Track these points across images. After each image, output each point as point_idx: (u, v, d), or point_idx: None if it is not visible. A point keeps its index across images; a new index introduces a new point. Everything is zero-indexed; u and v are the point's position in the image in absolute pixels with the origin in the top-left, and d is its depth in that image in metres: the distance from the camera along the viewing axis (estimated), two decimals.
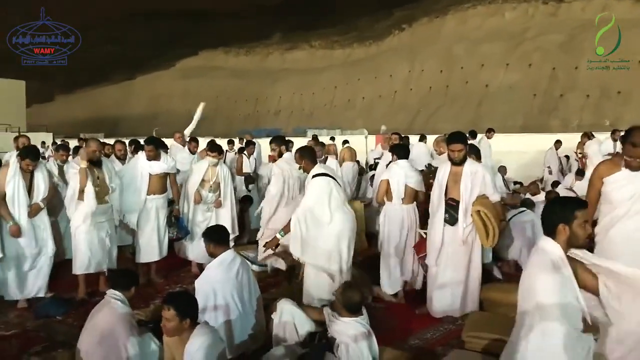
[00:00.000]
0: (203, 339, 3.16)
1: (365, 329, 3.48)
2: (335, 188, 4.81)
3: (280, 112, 63.45)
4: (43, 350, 4.38)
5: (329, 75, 61.20)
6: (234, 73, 72.01)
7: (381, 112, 50.53)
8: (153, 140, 6.32)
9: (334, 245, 4.71)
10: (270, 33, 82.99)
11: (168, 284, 6.26)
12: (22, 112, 47.58)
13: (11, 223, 5.12)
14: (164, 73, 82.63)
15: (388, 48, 59.57)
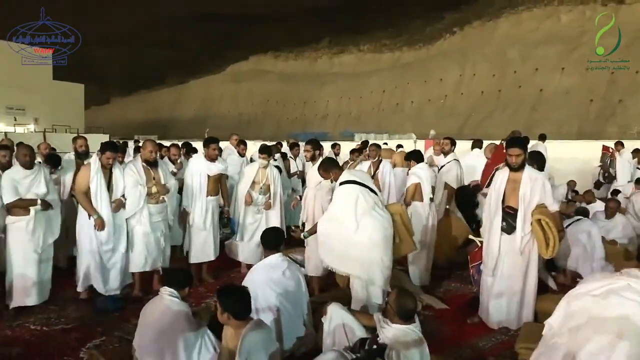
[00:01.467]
0: (255, 335, 3.21)
1: (418, 336, 3.43)
2: (362, 194, 4.70)
3: (328, 116, 63.65)
4: (101, 344, 4.54)
5: (377, 79, 60.94)
6: (283, 77, 72.82)
7: (430, 116, 49.93)
8: (217, 140, 6.46)
9: (367, 252, 4.63)
10: (319, 37, 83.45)
11: (218, 284, 6.35)
12: (81, 114, 49.60)
13: (96, 216, 5.29)
14: (215, 77, 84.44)
15: (438, 51, 58.81)
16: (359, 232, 4.59)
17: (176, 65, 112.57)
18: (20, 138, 17.65)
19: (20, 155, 5.17)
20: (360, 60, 68.54)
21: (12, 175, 5.12)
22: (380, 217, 4.72)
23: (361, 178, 4.87)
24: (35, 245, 5.14)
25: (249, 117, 70.74)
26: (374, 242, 4.62)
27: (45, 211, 5.21)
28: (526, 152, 4.79)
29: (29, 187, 5.12)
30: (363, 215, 4.63)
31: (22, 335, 4.76)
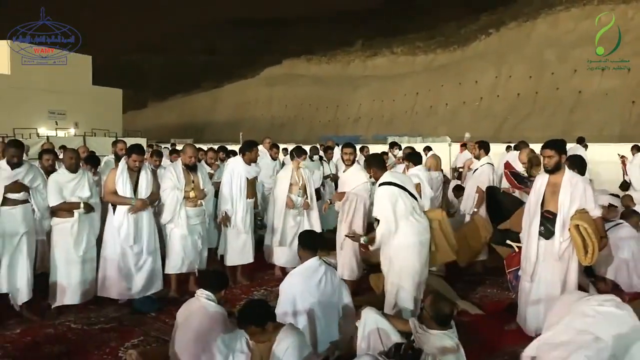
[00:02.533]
0: (290, 340, 3.23)
1: (454, 343, 3.39)
2: (401, 197, 4.67)
3: (360, 119, 63.57)
4: (139, 344, 4.64)
5: (411, 81, 60.56)
6: (316, 80, 73.11)
7: (465, 119, 49.31)
8: (255, 143, 6.53)
9: (399, 256, 4.62)
10: (352, 40, 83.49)
11: (253, 287, 6.41)
12: (119, 118, 50.82)
13: (134, 201, 5.39)
14: (249, 81, 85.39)
15: (474, 53, 58.08)
16: (396, 235, 4.60)
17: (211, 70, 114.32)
18: (61, 142, 18.18)
19: (66, 159, 5.33)
20: (394, 63, 68.24)
21: (58, 178, 5.28)
22: (417, 222, 4.68)
23: (402, 181, 4.82)
24: (78, 246, 5.28)
25: (281, 121, 71.25)
26: (407, 247, 4.61)
27: (88, 214, 5.34)
28: (562, 154, 4.66)
29: (73, 190, 5.27)
30: (400, 218, 4.62)
31: (64, 333, 4.90)
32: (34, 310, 5.29)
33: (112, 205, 5.50)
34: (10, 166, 5.12)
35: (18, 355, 4.39)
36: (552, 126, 39.84)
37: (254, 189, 6.56)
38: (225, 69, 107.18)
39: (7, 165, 5.12)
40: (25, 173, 5.19)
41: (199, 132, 70.91)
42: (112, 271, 5.46)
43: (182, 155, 5.99)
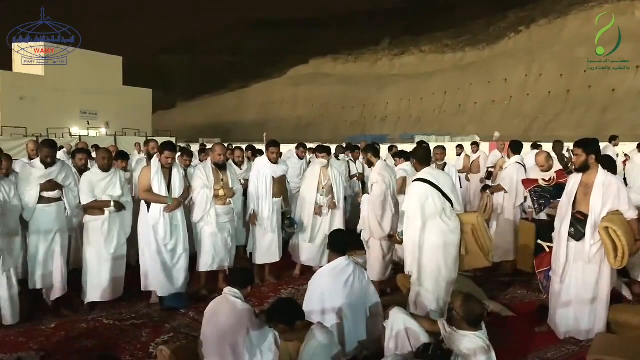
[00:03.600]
0: (319, 339, 3.24)
1: (485, 344, 3.35)
2: (432, 196, 4.61)
3: (387, 118, 63.27)
4: (169, 340, 4.70)
5: (439, 80, 60.03)
6: (342, 80, 73.03)
7: (495, 118, 48.66)
8: (277, 143, 6.57)
9: (423, 255, 4.59)
10: (379, 39, 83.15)
11: (281, 285, 6.45)
12: (149, 118, 51.67)
13: (170, 201, 5.48)
14: (275, 81, 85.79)
15: (503, 51, 57.26)
16: (421, 233, 4.57)
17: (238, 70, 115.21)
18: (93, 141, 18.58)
19: (99, 158, 5.44)
20: (421, 61, 67.75)
21: (90, 177, 5.40)
22: (444, 223, 4.62)
23: (439, 180, 4.71)
24: (109, 243, 5.39)
25: (307, 120, 71.39)
26: (431, 246, 4.58)
27: (119, 212, 5.44)
28: (590, 154, 4.54)
29: (105, 189, 5.38)
30: (427, 217, 4.58)
31: (97, 328, 5.01)
32: (68, 306, 5.41)
33: (146, 202, 5.60)
34: (44, 165, 5.26)
35: (52, 349, 4.50)
36: (584, 125, 39.04)
37: (281, 188, 6.59)
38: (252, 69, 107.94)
39: (41, 164, 5.26)
40: (58, 172, 5.33)
41: (226, 131, 71.53)
42: (152, 267, 5.56)
43: (212, 154, 6.07)
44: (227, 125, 78.88)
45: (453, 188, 4.82)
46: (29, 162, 5.77)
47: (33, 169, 5.30)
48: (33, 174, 5.24)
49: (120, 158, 6.71)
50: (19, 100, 38.80)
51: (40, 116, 37.03)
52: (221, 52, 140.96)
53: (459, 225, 4.70)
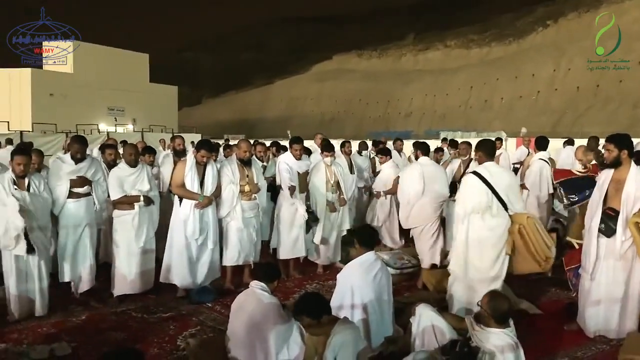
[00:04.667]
0: (345, 333, 3.24)
1: (513, 341, 3.31)
2: (481, 192, 4.60)
3: (412, 114, 62.78)
4: (196, 333, 4.76)
5: (465, 75, 59.31)
6: (366, 75, 72.66)
7: (522, 113, 47.89)
8: (301, 140, 6.59)
9: (463, 252, 4.63)
10: (404, 34, 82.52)
11: (306, 280, 6.47)
12: (175, 115, 52.29)
13: (201, 198, 5.56)
14: (300, 77, 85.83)
15: (530, 46, 56.30)
16: (462, 224, 4.67)
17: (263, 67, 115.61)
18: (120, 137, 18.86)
19: (126, 154, 5.53)
20: (447, 57, 67.03)
21: (119, 173, 5.49)
22: (484, 220, 4.63)
23: (492, 177, 4.65)
24: (139, 237, 5.48)
25: (331, 116, 71.28)
26: (468, 240, 4.63)
27: (148, 206, 5.52)
28: (622, 149, 4.43)
29: (133, 183, 5.47)
30: (472, 211, 4.63)
31: (126, 321, 5.10)
32: (97, 299, 5.52)
33: (178, 197, 5.67)
34: (74, 161, 5.37)
35: (83, 341, 4.60)
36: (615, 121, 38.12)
37: (306, 184, 6.61)
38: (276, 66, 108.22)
39: (71, 159, 5.38)
40: (87, 167, 5.45)
41: (251, 127, 71.87)
42: (177, 260, 5.63)
43: (237, 150, 6.12)
44: (252, 122, 79.23)
45: (510, 187, 4.73)
46: (60, 157, 5.89)
47: (63, 164, 5.43)
48: (63, 169, 5.36)
49: (147, 153, 6.82)
50: (49, 97, 39.64)
51: (69, 113, 37.78)
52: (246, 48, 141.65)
53: (502, 225, 4.63)
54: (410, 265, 6.45)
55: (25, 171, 4.98)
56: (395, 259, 6.45)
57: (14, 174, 4.95)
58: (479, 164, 4.89)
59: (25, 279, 5.01)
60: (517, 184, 4.87)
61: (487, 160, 4.82)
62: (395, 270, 6.10)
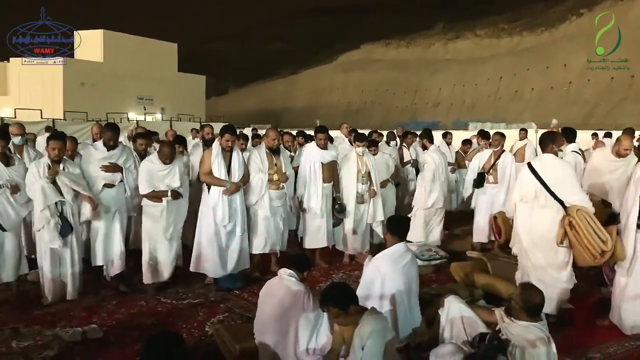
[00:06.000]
0: (373, 324, 3.23)
1: (545, 335, 3.25)
2: (531, 183, 4.64)
3: (440, 104, 62.04)
4: (224, 320, 4.82)
5: (494, 65, 58.26)
6: (394, 65, 71.92)
7: (553, 104, 46.88)
8: (326, 129, 6.57)
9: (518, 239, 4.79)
10: (433, 23, 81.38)
11: (332, 270, 6.48)
12: (202, 104, 52.73)
13: (228, 185, 5.59)
14: (326, 67, 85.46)
15: (563, 35, 54.93)
16: (515, 212, 4.85)
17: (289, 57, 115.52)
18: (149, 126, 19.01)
19: (162, 154, 5.50)
20: (477, 46, 65.89)
21: (150, 167, 5.49)
22: (530, 209, 4.67)
23: (543, 168, 4.63)
24: (166, 229, 5.50)
25: (357, 106, 70.90)
26: (519, 228, 4.79)
27: (176, 200, 5.53)
28: None
29: (163, 178, 5.47)
30: (522, 200, 4.73)
31: (155, 307, 5.18)
32: (127, 284, 5.62)
33: (206, 185, 5.71)
34: (106, 148, 5.46)
35: (113, 325, 4.70)
36: None
37: (331, 174, 6.58)
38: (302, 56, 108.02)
39: (103, 147, 5.47)
40: (119, 155, 5.54)
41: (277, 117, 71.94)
42: (206, 249, 5.67)
43: (266, 139, 6.13)
44: (278, 112, 79.33)
45: (562, 179, 4.62)
46: (92, 144, 5.99)
47: (96, 151, 5.52)
48: (95, 156, 5.45)
49: (178, 143, 6.87)
50: (79, 86, 40.39)
51: (99, 101, 38.44)
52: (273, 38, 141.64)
53: (550, 216, 4.59)
54: (438, 257, 6.41)
55: (60, 156, 5.10)
56: (424, 250, 6.41)
57: (49, 159, 5.06)
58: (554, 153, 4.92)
59: (59, 263, 5.12)
60: (572, 176, 4.77)
61: (544, 152, 4.83)
62: (423, 262, 6.06)
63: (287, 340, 3.76)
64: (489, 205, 7.02)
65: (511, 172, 6.98)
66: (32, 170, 5.04)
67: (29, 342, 4.32)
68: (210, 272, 5.69)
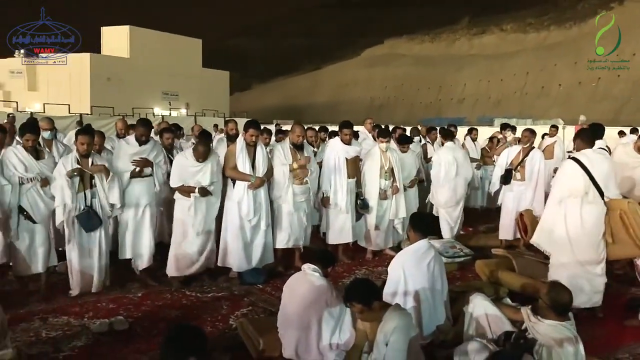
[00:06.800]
0: (397, 320, 3.21)
1: (573, 335, 3.19)
2: (579, 177, 4.55)
3: (465, 100, 61.33)
4: (248, 313, 4.86)
5: (521, 60, 57.34)
6: (418, 60, 71.33)
7: (581, 100, 45.97)
8: (350, 124, 6.55)
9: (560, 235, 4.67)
10: (458, 18, 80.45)
11: (355, 266, 6.47)
12: (226, 100, 53.06)
13: (253, 179, 5.63)
14: (349, 62, 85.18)
15: (591, 30, 53.70)
16: (558, 208, 4.69)
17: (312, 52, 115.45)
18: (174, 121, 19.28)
19: (197, 152, 5.52)
20: (503, 41, 64.96)
21: (183, 162, 5.55)
22: (579, 205, 4.57)
23: (591, 164, 4.58)
24: (194, 224, 5.53)
25: (381, 102, 70.52)
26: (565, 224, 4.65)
27: (204, 197, 5.54)
28: None
29: (193, 175, 5.50)
30: (568, 195, 4.62)
31: (180, 299, 5.24)
32: (153, 277, 5.69)
33: (231, 180, 5.75)
34: (138, 143, 5.52)
35: (139, 317, 4.77)
36: None
37: (355, 169, 6.57)
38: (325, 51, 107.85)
39: (135, 141, 5.53)
40: (150, 150, 5.60)
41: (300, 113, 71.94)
42: (231, 243, 5.72)
43: (291, 134, 6.14)
44: (301, 107, 79.32)
45: (609, 174, 4.66)
46: (125, 138, 6.07)
47: (128, 145, 5.58)
48: (127, 151, 5.51)
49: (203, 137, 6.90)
50: (106, 81, 40.98)
51: (125, 97, 38.98)
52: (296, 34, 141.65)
53: (596, 212, 4.56)
54: (462, 254, 6.35)
55: (88, 150, 5.18)
56: (448, 247, 6.36)
57: (77, 154, 5.15)
58: (577, 151, 4.85)
59: (87, 255, 5.21)
60: (614, 172, 4.78)
61: (586, 147, 4.74)
62: (447, 259, 6.00)
63: (310, 334, 3.78)
64: (516, 202, 6.91)
65: (540, 170, 6.84)
66: (59, 166, 5.14)
67: (58, 332, 4.42)
68: (235, 266, 5.72)
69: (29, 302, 5.02)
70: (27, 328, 4.46)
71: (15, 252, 5.13)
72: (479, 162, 9.47)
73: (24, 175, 5.02)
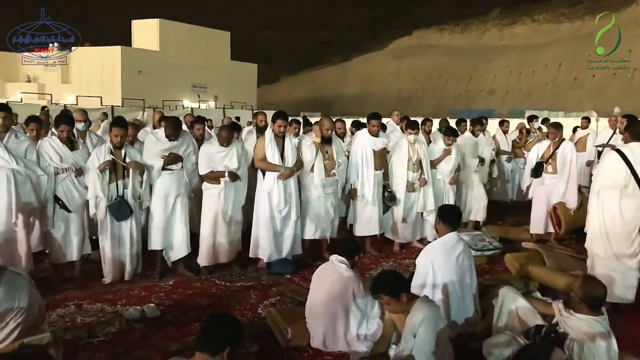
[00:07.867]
0: (425, 312, 3.21)
1: (606, 330, 3.13)
2: (620, 169, 4.51)
3: (495, 92, 60.31)
4: (276, 303, 4.91)
5: (553, 51, 56.03)
6: (447, 51, 70.33)
7: (615, 92, 44.75)
8: (379, 116, 6.53)
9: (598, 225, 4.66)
10: (489, 8, 78.95)
11: (382, 258, 6.47)
12: (254, 92, 53.27)
13: (282, 169, 5.69)
14: (377, 54, 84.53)
15: (628, 19, 52.17)
16: (597, 198, 4.67)
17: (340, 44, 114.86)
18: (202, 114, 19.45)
19: (221, 137, 5.63)
20: (535, 32, 63.55)
21: (208, 149, 5.65)
22: (617, 198, 4.53)
23: (635, 157, 4.51)
24: (224, 211, 5.61)
25: (409, 94, 69.89)
26: (601, 215, 4.64)
27: (234, 182, 5.64)
28: None
29: (221, 160, 5.59)
30: (607, 186, 4.60)
31: (210, 288, 5.33)
32: (186, 266, 5.77)
33: (261, 171, 5.81)
34: (168, 139, 5.56)
35: (170, 305, 4.87)
36: None
37: (382, 161, 6.55)
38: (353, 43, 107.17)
39: (165, 137, 5.56)
40: (180, 145, 5.60)
41: (327, 105, 71.82)
42: (263, 234, 5.79)
43: (319, 127, 6.14)
44: (328, 99, 79.18)
45: None
46: (154, 131, 6.16)
47: (158, 141, 5.57)
48: (157, 146, 5.53)
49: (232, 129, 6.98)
50: (137, 74, 41.58)
51: (155, 89, 39.46)
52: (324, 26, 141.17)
53: (634, 206, 4.51)
54: (491, 247, 6.29)
55: (122, 142, 5.29)
56: (477, 240, 6.31)
57: (111, 145, 5.26)
58: (624, 144, 4.78)
59: (119, 244, 5.33)
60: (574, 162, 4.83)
61: (634, 140, 4.64)
62: (476, 252, 5.95)
63: (338, 324, 3.80)
64: (547, 195, 6.79)
65: (572, 161, 6.70)
66: (92, 157, 5.25)
67: (92, 318, 4.54)
68: (266, 256, 5.78)
69: (64, 289, 5.17)
70: (62, 314, 4.60)
71: (50, 240, 5.28)
72: (510, 155, 9.33)
73: (59, 165, 5.16)
